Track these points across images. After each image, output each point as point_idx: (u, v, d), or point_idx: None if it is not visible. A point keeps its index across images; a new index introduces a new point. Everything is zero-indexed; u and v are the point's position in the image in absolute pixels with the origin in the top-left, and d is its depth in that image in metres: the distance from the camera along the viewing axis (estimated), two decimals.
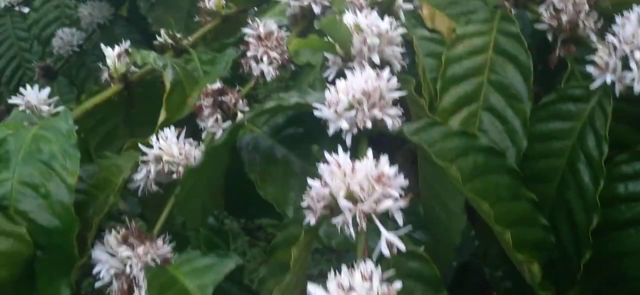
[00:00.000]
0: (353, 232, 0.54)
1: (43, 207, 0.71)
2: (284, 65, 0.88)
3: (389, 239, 0.53)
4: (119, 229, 0.74)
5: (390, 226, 0.55)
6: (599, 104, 0.75)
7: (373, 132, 0.67)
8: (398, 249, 0.53)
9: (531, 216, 0.70)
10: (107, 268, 0.72)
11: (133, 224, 0.75)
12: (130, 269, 0.71)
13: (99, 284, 0.72)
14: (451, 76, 0.80)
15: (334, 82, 0.69)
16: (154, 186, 0.80)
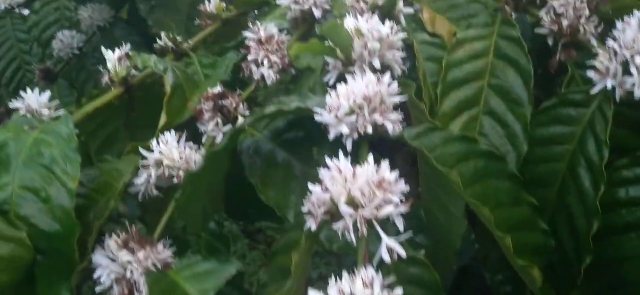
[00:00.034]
0: (354, 238, 0.54)
1: (44, 212, 0.70)
2: (285, 69, 0.88)
3: (390, 246, 0.53)
4: (119, 234, 0.74)
5: (391, 230, 0.55)
6: (600, 108, 0.75)
7: (374, 137, 0.67)
8: (399, 255, 0.53)
9: (532, 221, 0.70)
10: (108, 273, 0.72)
11: (133, 228, 0.74)
12: (131, 274, 0.71)
13: (99, 289, 0.72)
14: (452, 80, 0.81)
15: (334, 87, 0.69)
16: (155, 190, 0.80)
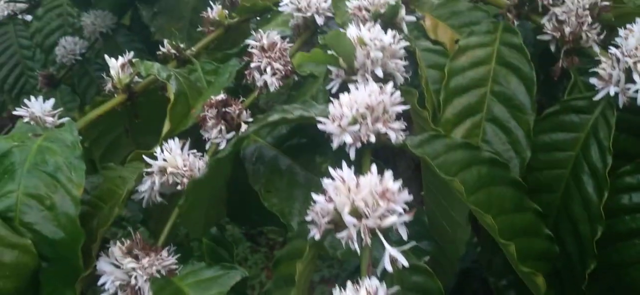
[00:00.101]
0: (358, 247, 0.54)
1: (48, 219, 0.70)
2: (287, 76, 0.88)
3: (393, 255, 0.53)
4: (123, 241, 0.74)
5: (395, 237, 0.55)
6: (603, 115, 0.75)
7: (376, 146, 0.67)
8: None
9: (535, 227, 0.71)
10: (112, 279, 0.72)
11: (137, 235, 0.75)
12: (136, 280, 0.71)
13: None
14: (454, 87, 0.81)
15: (337, 95, 0.69)
16: (158, 197, 0.80)
